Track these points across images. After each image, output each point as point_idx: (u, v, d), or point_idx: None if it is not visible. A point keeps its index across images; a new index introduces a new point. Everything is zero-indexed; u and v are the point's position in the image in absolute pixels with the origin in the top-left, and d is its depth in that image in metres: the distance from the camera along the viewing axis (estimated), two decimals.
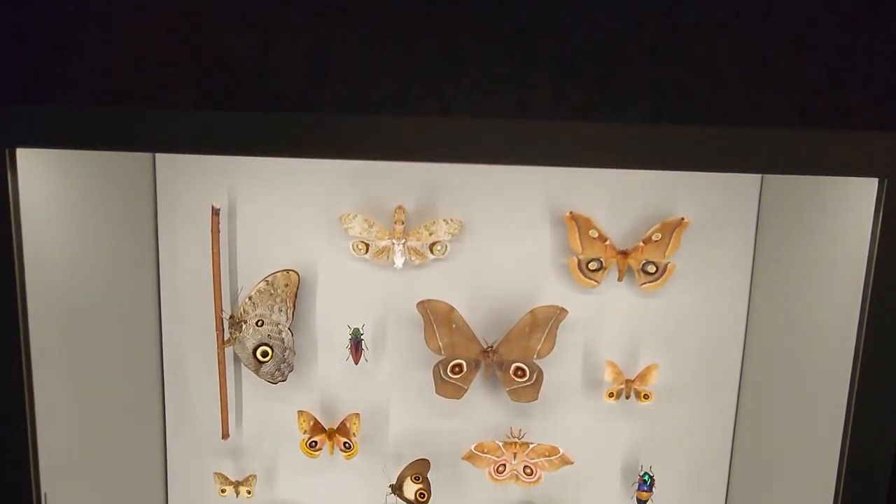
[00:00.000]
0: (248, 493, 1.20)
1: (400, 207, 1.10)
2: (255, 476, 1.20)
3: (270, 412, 1.19)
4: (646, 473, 1.14)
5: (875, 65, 0.75)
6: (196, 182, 1.13)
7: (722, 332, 1.13)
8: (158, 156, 1.13)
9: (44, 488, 0.91)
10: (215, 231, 1.12)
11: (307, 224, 1.14)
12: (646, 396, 1.11)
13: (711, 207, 1.09)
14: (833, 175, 0.74)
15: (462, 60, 0.86)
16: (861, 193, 0.82)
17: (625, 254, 1.08)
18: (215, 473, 1.19)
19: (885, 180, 0.73)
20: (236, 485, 1.20)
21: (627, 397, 1.12)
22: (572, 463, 1.12)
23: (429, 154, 0.77)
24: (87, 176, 0.98)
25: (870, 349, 0.83)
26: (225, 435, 1.18)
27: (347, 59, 0.86)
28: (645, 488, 1.14)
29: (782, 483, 1.01)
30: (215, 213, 1.11)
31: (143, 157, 1.12)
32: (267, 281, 1.13)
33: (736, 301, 1.12)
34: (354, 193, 1.12)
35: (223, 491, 1.20)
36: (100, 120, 0.80)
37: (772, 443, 1.05)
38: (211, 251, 1.12)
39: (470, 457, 1.14)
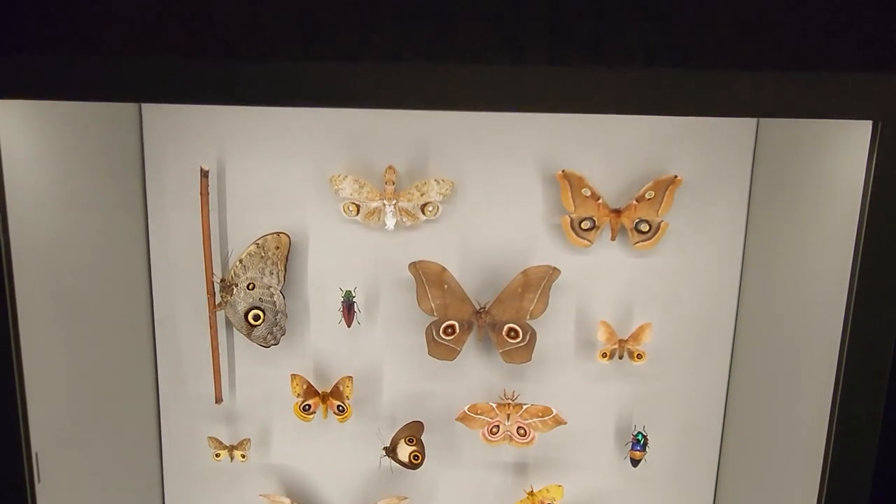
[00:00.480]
0: (243, 457, 1.20)
1: (391, 168, 1.09)
2: (249, 440, 1.20)
3: (263, 376, 1.19)
4: (639, 433, 1.15)
5: (870, 7, 0.73)
6: (184, 144, 1.12)
7: (715, 291, 1.12)
8: (145, 118, 1.11)
9: (35, 450, 0.91)
10: (204, 194, 1.10)
11: (297, 186, 1.12)
12: (639, 356, 1.11)
13: (705, 165, 1.08)
14: (827, 118, 0.73)
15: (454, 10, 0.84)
16: (855, 147, 0.80)
17: (618, 212, 1.08)
18: (209, 438, 1.19)
19: (880, 123, 0.72)
20: (230, 449, 1.20)
21: (621, 357, 1.12)
22: (565, 423, 1.13)
23: (421, 101, 0.76)
24: (72, 138, 0.96)
25: (861, 305, 0.82)
26: (218, 399, 1.18)
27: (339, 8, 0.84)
28: (638, 448, 1.15)
29: (775, 442, 1.01)
30: (204, 175, 1.10)
31: (129, 119, 1.10)
32: (257, 244, 1.12)
33: (729, 259, 1.11)
34: (345, 155, 1.11)
35: (217, 455, 1.20)
36: (85, 68, 0.78)
37: (764, 402, 1.05)
38: (200, 214, 1.11)
39: (463, 418, 1.14)
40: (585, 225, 1.08)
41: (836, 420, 0.85)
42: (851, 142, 0.81)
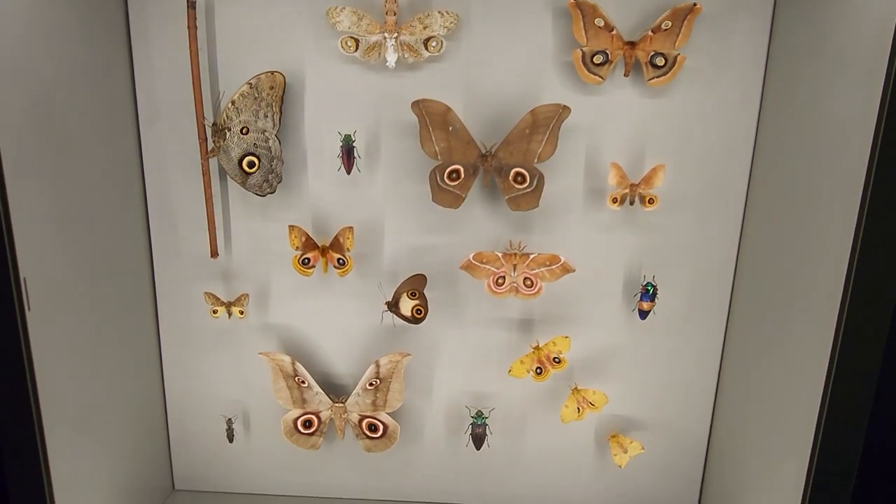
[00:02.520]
0: (241, 313, 1.17)
1: None
2: (246, 295, 1.16)
3: (260, 230, 1.15)
4: (648, 283, 1.12)
5: None
6: None
7: (732, 134, 1.07)
8: None
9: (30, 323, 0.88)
10: (192, 27, 1.03)
11: (292, 20, 1.05)
12: (651, 201, 1.07)
13: None
14: None
15: None
16: None
17: (632, 45, 1.02)
18: (206, 294, 1.16)
19: None
20: (228, 305, 1.17)
21: (632, 203, 1.08)
22: (574, 271, 1.09)
23: None
24: None
25: (886, 151, 0.78)
26: (214, 253, 1.14)
27: None
28: (647, 299, 1.12)
29: (787, 295, 0.98)
30: (191, 5, 1.02)
31: None
32: (250, 84, 1.05)
33: (748, 99, 1.06)
34: None
35: (215, 312, 1.17)
36: None
37: (778, 253, 1.01)
38: (189, 51, 1.04)
39: (468, 266, 1.10)
40: (598, 59, 1.03)
41: (854, 273, 0.82)
42: None
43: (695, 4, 0.99)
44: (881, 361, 0.86)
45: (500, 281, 1.11)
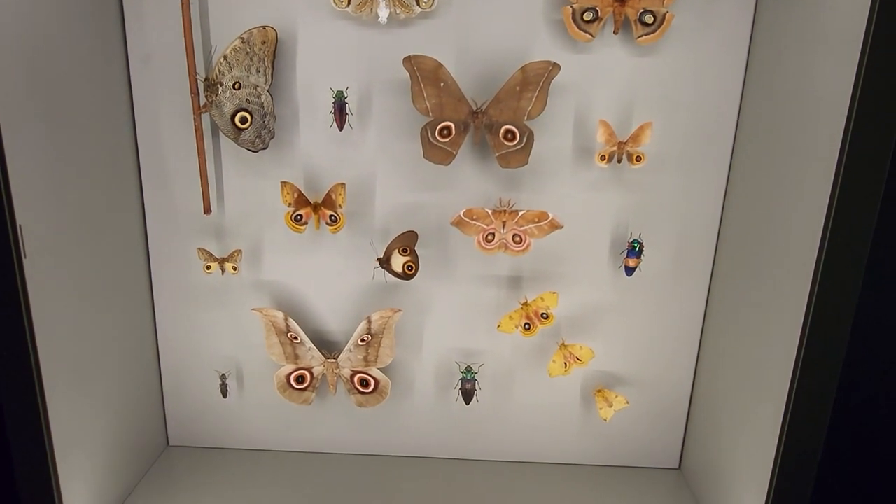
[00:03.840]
0: (234, 269, 1.18)
1: None
2: (240, 251, 1.18)
3: (253, 186, 1.16)
4: (635, 241, 1.14)
5: None
6: None
7: (718, 92, 1.09)
8: None
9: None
10: None
11: None
12: (638, 158, 1.09)
13: None
14: None
15: None
16: None
17: (622, 2, 1.02)
18: (199, 249, 1.17)
19: None
20: (221, 261, 1.18)
21: (619, 161, 1.10)
22: (562, 227, 1.11)
23: None
24: None
25: (863, 111, 0.80)
26: (207, 210, 1.15)
27: None
28: (634, 255, 1.14)
29: (768, 253, 1.01)
30: None
31: None
32: (242, 38, 1.05)
33: (735, 58, 1.07)
34: None
35: (208, 268, 1.18)
36: None
37: (761, 209, 1.04)
38: (180, 4, 1.04)
39: (458, 222, 1.12)
40: (588, 16, 1.04)
41: (831, 228, 0.85)
42: None
43: None
44: (853, 316, 0.89)
45: (489, 237, 1.13)
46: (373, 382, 1.22)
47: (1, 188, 0.84)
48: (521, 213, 1.12)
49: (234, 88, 1.08)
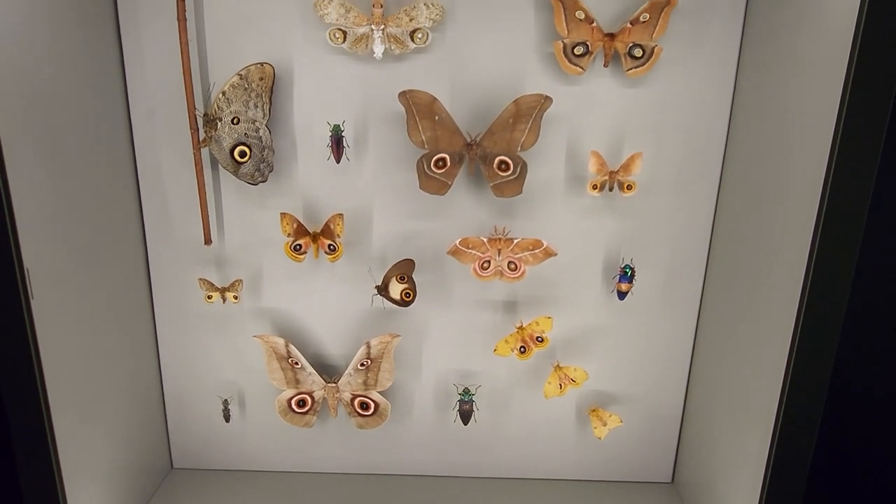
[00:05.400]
0: (235, 298, 1.21)
1: None
2: (240, 281, 1.20)
3: (252, 217, 1.18)
4: (627, 266, 1.17)
5: None
6: None
7: (706, 123, 1.12)
8: None
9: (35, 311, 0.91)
10: (182, 18, 1.05)
11: (280, 13, 1.07)
12: (629, 187, 1.12)
13: None
14: None
15: None
16: None
17: (611, 36, 1.05)
18: (200, 280, 1.19)
19: None
20: (222, 291, 1.20)
21: (611, 189, 1.13)
22: (556, 254, 1.14)
23: None
24: None
25: (847, 142, 0.83)
26: (207, 241, 1.17)
27: None
28: (626, 280, 1.17)
29: (756, 275, 1.04)
30: None
31: None
32: (240, 75, 1.07)
33: (722, 88, 1.10)
34: None
35: (209, 297, 1.20)
36: None
37: (749, 234, 1.07)
38: (179, 42, 1.06)
39: (455, 252, 1.15)
40: (578, 50, 1.06)
41: (817, 252, 0.88)
42: None
43: None
44: (838, 339, 0.93)
45: (485, 265, 1.15)
46: (373, 405, 1.25)
47: (9, 234, 0.86)
48: (515, 241, 1.14)
49: (233, 123, 1.10)
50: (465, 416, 1.28)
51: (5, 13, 0.85)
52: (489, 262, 1.15)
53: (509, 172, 1.11)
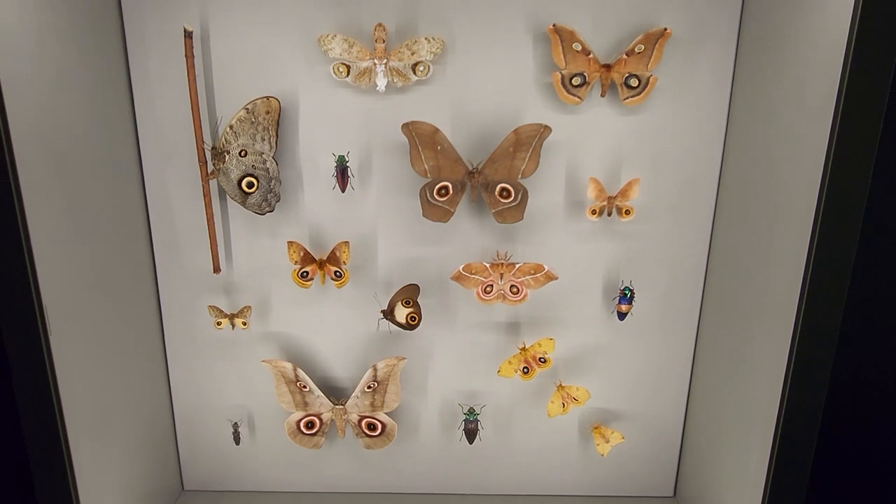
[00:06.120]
0: (244, 324, 1.23)
1: (380, 25, 1.07)
2: (249, 307, 1.22)
3: (260, 245, 1.21)
4: (626, 288, 1.20)
5: None
6: (164, 5, 1.08)
7: (701, 148, 1.15)
8: None
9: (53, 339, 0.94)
10: (189, 56, 1.08)
11: (285, 48, 1.10)
12: (627, 212, 1.15)
13: (693, 18, 1.08)
14: None
15: None
16: (839, 3, 0.82)
17: (608, 67, 1.08)
18: (209, 307, 1.22)
19: None
20: (231, 317, 1.23)
21: (609, 214, 1.16)
22: (557, 278, 1.17)
23: None
24: (48, 11, 0.93)
25: (838, 164, 0.86)
26: (216, 269, 1.20)
27: None
28: (625, 302, 1.20)
29: (752, 294, 1.07)
30: (188, 35, 1.07)
31: None
32: (247, 109, 1.10)
33: (715, 115, 1.13)
34: (332, 14, 1.09)
35: (219, 324, 1.23)
36: None
37: (744, 255, 1.10)
38: (187, 78, 1.09)
39: (458, 277, 1.18)
40: (576, 81, 1.09)
41: (811, 273, 0.90)
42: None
43: (665, 29, 1.06)
44: (833, 357, 0.96)
45: (488, 289, 1.18)
46: (380, 426, 1.27)
47: (29, 274, 0.89)
48: (517, 266, 1.17)
49: (241, 156, 1.12)
50: (471, 434, 1.31)
51: (29, 63, 0.88)
52: (492, 286, 1.18)
53: (510, 199, 1.14)
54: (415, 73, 1.10)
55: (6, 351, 0.92)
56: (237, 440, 1.32)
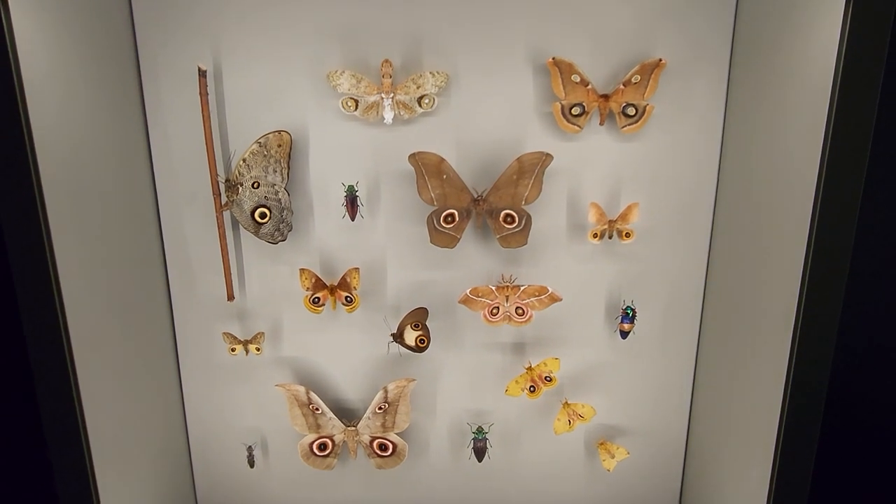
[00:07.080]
0: (257, 350, 1.27)
1: (387, 61, 1.11)
2: (262, 333, 1.26)
3: (272, 273, 1.24)
4: (628, 307, 1.24)
5: None
6: (178, 45, 1.13)
7: (697, 171, 1.19)
8: (138, 19, 1.12)
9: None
10: (203, 93, 1.12)
11: (295, 84, 1.15)
12: (627, 235, 1.19)
13: (687, 49, 1.13)
14: None
15: None
16: (829, 27, 0.86)
17: (606, 97, 1.13)
18: (224, 333, 1.25)
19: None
20: (245, 343, 1.26)
21: (610, 237, 1.20)
22: (561, 300, 1.21)
23: None
24: (66, 48, 0.97)
25: (830, 182, 0.90)
26: (230, 297, 1.24)
27: None
28: (627, 321, 1.24)
29: (750, 311, 1.10)
30: (202, 74, 1.11)
31: (122, 23, 1.10)
32: (259, 142, 1.14)
33: (710, 140, 1.18)
34: (340, 51, 1.13)
35: (233, 350, 1.26)
36: None
37: (741, 273, 1.14)
38: (201, 114, 1.13)
39: (465, 300, 1.21)
40: (575, 111, 1.14)
41: (806, 291, 0.94)
42: (826, 23, 0.87)
43: (660, 60, 1.11)
44: (829, 374, 0.99)
45: (494, 311, 1.22)
46: (391, 446, 1.31)
47: (58, 312, 0.93)
48: (522, 288, 1.21)
49: (254, 187, 1.16)
50: (480, 453, 1.34)
51: (53, 109, 0.93)
52: (498, 308, 1.22)
53: (515, 225, 1.18)
54: (420, 105, 1.14)
55: (35, 379, 0.96)
56: (251, 463, 1.35)
